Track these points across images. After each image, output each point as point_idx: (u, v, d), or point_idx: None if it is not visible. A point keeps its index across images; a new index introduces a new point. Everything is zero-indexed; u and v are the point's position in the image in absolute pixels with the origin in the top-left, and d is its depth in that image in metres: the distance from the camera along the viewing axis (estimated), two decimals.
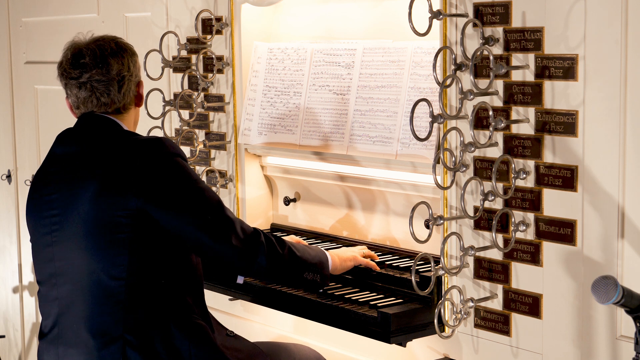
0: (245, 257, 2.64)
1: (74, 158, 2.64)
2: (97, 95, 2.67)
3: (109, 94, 2.68)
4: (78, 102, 2.70)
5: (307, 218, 3.43)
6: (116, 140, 2.65)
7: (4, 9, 5.09)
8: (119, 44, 2.74)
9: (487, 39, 2.59)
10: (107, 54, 2.69)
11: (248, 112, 3.44)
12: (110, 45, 2.71)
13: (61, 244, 2.62)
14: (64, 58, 2.72)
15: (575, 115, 2.44)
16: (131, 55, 2.74)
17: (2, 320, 5.44)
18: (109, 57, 2.68)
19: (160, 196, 2.55)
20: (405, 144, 2.92)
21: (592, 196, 2.42)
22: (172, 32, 3.51)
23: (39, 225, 2.68)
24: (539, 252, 2.55)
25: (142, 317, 2.56)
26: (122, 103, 2.71)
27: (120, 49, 2.72)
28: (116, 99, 2.69)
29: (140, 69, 2.78)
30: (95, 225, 2.55)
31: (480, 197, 2.61)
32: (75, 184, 2.60)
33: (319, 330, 3.19)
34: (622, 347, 2.40)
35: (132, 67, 2.73)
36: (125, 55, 2.72)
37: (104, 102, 2.68)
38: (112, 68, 2.67)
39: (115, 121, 2.70)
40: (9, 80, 5.13)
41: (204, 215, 2.59)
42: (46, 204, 2.66)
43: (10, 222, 5.20)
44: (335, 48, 3.21)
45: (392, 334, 2.69)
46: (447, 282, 2.76)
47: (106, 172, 2.56)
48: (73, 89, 2.69)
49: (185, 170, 2.61)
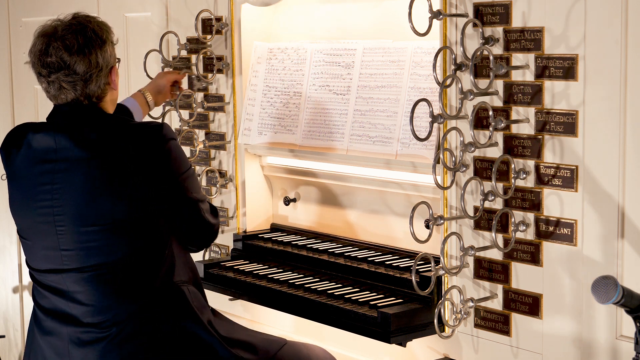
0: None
1: (66, 151, 2.62)
2: (66, 92, 2.64)
3: (76, 90, 2.63)
4: (50, 94, 2.68)
5: (307, 218, 3.43)
6: (108, 127, 2.62)
7: (4, 9, 5.08)
8: (87, 36, 2.64)
9: (487, 39, 2.59)
10: (74, 51, 2.61)
11: (248, 112, 3.44)
12: (78, 40, 2.62)
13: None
14: (32, 49, 2.67)
15: (575, 115, 2.44)
16: (101, 45, 2.65)
17: (2, 320, 5.44)
18: (75, 56, 2.61)
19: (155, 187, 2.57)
20: (405, 144, 2.92)
21: (592, 196, 2.42)
22: (172, 32, 3.51)
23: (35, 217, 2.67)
24: (539, 252, 2.55)
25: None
26: (95, 95, 2.66)
27: (87, 43, 2.63)
28: (87, 93, 2.64)
29: (113, 52, 2.69)
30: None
31: (480, 197, 2.61)
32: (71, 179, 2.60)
33: (319, 330, 3.19)
34: (622, 347, 2.40)
35: (102, 59, 2.65)
36: (94, 51, 2.63)
37: (76, 96, 2.64)
38: (78, 69, 2.61)
39: (96, 107, 2.67)
40: (9, 80, 5.13)
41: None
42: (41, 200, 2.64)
43: (10, 222, 5.19)
44: (335, 48, 3.21)
45: (392, 334, 2.69)
46: (447, 282, 2.76)
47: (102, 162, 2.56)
48: (43, 83, 2.66)
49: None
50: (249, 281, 3.15)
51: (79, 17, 2.70)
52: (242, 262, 3.36)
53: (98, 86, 2.65)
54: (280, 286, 3.06)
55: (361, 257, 3.07)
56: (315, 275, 3.12)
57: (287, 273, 3.17)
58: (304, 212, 3.44)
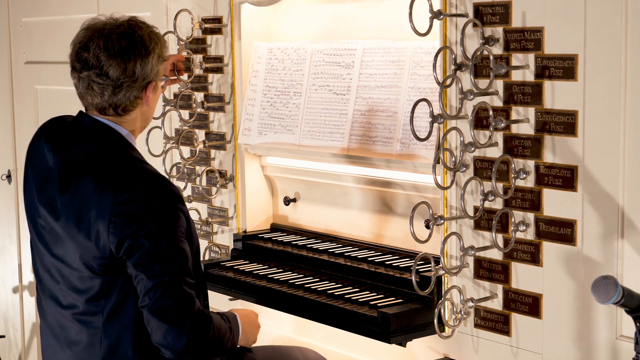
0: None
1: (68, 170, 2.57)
2: (93, 95, 2.56)
3: (103, 96, 2.55)
4: (78, 91, 2.61)
5: (307, 218, 3.43)
6: (114, 165, 2.53)
7: (4, 9, 5.08)
8: (133, 42, 2.54)
9: (487, 39, 2.59)
10: (112, 53, 2.52)
11: (248, 112, 3.44)
12: (121, 43, 2.53)
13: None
14: (74, 41, 2.59)
15: (575, 115, 2.44)
16: (144, 55, 2.55)
17: (2, 320, 5.44)
18: (112, 59, 2.52)
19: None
20: (405, 144, 2.92)
21: (592, 196, 2.42)
22: (172, 32, 3.51)
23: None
24: (539, 252, 2.55)
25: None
26: (122, 106, 2.57)
27: (130, 49, 2.53)
28: (112, 102, 2.56)
29: (157, 67, 2.58)
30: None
31: (480, 197, 2.61)
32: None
33: (319, 330, 3.19)
34: (622, 347, 2.40)
35: (140, 70, 2.54)
36: (134, 58, 2.54)
37: (99, 103, 2.57)
38: (112, 73, 2.53)
39: (112, 128, 2.58)
40: (9, 80, 5.13)
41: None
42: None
43: (10, 222, 5.20)
44: (335, 48, 3.21)
45: (392, 334, 2.69)
46: (447, 282, 2.76)
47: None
48: (74, 78, 2.59)
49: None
50: (249, 281, 3.15)
51: (133, 21, 2.61)
52: (242, 262, 3.36)
53: (127, 97, 2.56)
54: (280, 286, 3.06)
55: (361, 257, 3.07)
56: (315, 275, 3.12)
57: (287, 273, 3.17)
58: (304, 212, 3.45)
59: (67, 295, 2.57)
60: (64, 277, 2.56)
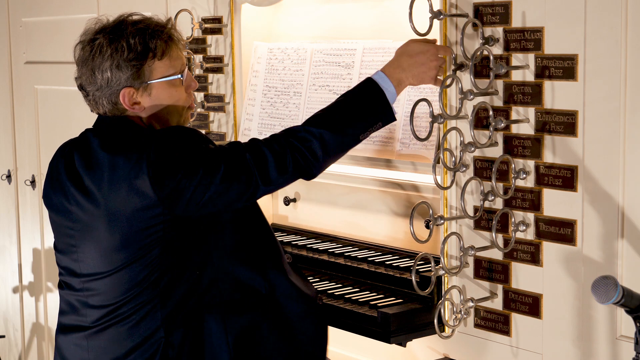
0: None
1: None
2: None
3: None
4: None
5: (307, 218, 3.43)
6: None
7: (4, 9, 5.08)
8: (97, 43, 2.44)
9: (487, 39, 2.59)
10: (90, 54, 2.44)
11: (248, 112, 3.44)
12: (101, 44, 2.43)
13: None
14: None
15: (575, 115, 2.44)
16: (100, 61, 2.42)
17: (2, 320, 5.44)
18: (80, 68, 2.47)
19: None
20: (405, 144, 2.92)
21: (592, 196, 2.42)
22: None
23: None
24: (539, 252, 2.55)
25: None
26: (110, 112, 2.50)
27: (92, 52, 2.43)
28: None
29: (123, 74, 2.43)
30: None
31: (480, 197, 2.61)
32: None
33: None
34: (622, 347, 2.40)
35: (103, 74, 2.42)
36: (96, 61, 2.43)
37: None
38: (81, 70, 2.47)
39: (125, 118, 2.49)
40: (9, 80, 5.13)
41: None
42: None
43: (10, 222, 5.20)
44: (335, 48, 3.21)
45: (392, 334, 2.69)
46: (447, 282, 2.76)
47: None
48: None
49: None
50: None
51: (102, 24, 2.51)
52: None
53: (102, 99, 2.48)
54: None
55: (361, 257, 3.07)
56: (315, 275, 3.12)
57: None
58: (304, 212, 3.45)
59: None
60: None
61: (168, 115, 2.52)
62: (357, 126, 2.48)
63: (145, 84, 2.46)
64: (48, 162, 2.61)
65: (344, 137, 2.46)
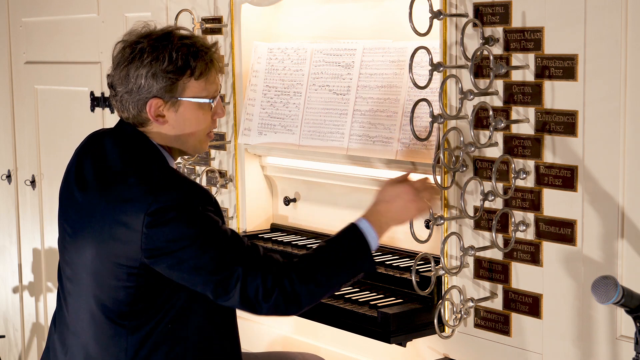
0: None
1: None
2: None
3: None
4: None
5: (307, 218, 3.43)
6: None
7: (4, 9, 5.09)
8: (139, 47, 2.40)
9: (487, 39, 2.59)
10: (123, 58, 2.42)
11: (248, 112, 3.44)
12: (143, 49, 2.39)
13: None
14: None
15: (575, 115, 2.44)
16: (138, 65, 2.40)
17: (2, 320, 5.45)
18: (115, 69, 2.44)
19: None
20: (405, 144, 2.93)
21: (592, 196, 2.42)
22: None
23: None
24: (539, 252, 2.55)
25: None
26: (135, 120, 2.46)
27: (132, 55, 2.40)
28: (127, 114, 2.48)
29: (153, 83, 2.41)
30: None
31: (480, 197, 2.61)
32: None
33: (319, 330, 3.19)
34: (622, 347, 2.40)
35: (137, 79, 2.40)
36: (133, 65, 2.40)
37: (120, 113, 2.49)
38: (116, 70, 2.44)
39: (145, 137, 2.46)
40: (9, 80, 5.13)
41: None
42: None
43: (10, 222, 5.20)
44: (335, 48, 3.21)
45: (392, 334, 2.69)
46: (447, 282, 2.76)
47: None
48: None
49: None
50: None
51: (150, 30, 2.46)
52: None
53: (130, 105, 2.44)
54: None
55: None
56: None
57: None
58: (304, 212, 3.45)
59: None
60: None
61: (188, 137, 2.48)
62: (341, 277, 2.47)
63: (175, 99, 2.41)
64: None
65: (329, 290, 2.46)
